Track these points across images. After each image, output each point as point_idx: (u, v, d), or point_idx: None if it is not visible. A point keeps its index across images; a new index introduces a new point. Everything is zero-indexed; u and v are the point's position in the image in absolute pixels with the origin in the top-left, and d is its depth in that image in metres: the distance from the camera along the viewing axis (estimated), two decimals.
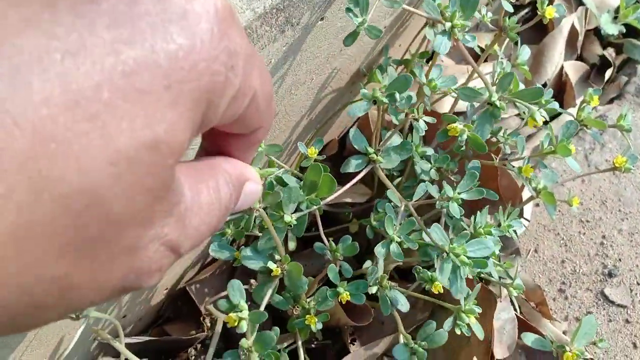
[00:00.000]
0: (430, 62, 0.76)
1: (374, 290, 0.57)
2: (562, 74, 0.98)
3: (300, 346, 0.60)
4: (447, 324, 0.56)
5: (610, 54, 1.02)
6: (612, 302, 0.80)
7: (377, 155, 0.57)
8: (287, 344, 0.64)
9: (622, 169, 0.61)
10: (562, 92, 0.98)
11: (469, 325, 0.56)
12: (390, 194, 0.59)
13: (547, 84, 0.97)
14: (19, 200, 0.14)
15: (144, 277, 0.19)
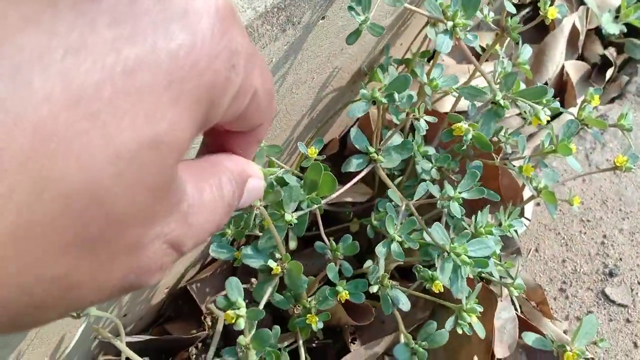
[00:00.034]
0: (431, 61, 0.76)
1: (375, 289, 0.57)
2: (563, 74, 0.98)
3: (301, 345, 0.60)
4: (448, 324, 0.56)
5: (611, 53, 1.02)
6: (613, 302, 0.80)
7: (377, 154, 0.57)
8: (287, 343, 0.64)
9: (623, 168, 0.61)
10: (563, 92, 0.98)
11: (470, 324, 0.56)
12: (391, 193, 0.59)
13: (548, 83, 0.97)
14: (19, 200, 0.14)
15: (146, 275, 0.19)
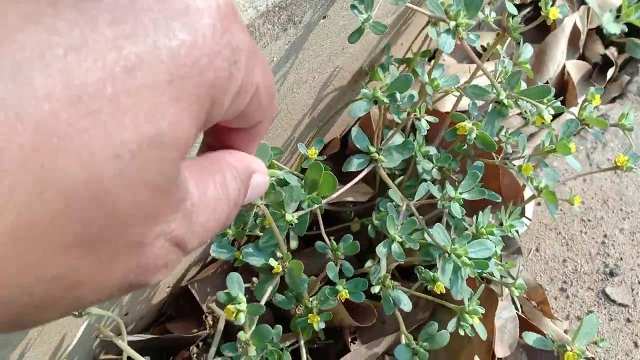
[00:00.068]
0: (432, 60, 0.76)
1: (376, 289, 0.57)
2: (564, 73, 0.98)
3: (302, 345, 0.60)
4: (450, 325, 0.56)
5: (612, 53, 1.02)
6: (614, 301, 0.80)
7: (378, 154, 0.57)
8: (289, 343, 0.64)
9: (624, 168, 0.61)
10: (564, 91, 0.98)
11: (472, 326, 0.56)
12: (392, 193, 0.59)
13: (549, 82, 0.97)
14: (19, 200, 0.14)
15: (148, 274, 0.18)
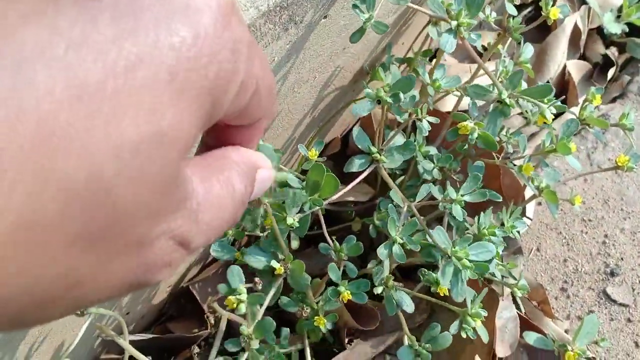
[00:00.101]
0: (432, 60, 0.76)
1: (379, 290, 0.57)
2: (565, 73, 0.98)
3: (307, 346, 0.60)
4: (453, 328, 0.57)
5: (613, 53, 1.02)
6: (614, 301, 0.80)
7: (380, 155, 0.56)
8: (293, 346, 0.64)
9: (625, 167, 0.61)
10: (564, 91, 0.98)
11: (474, 329, 0.56)
12: (393, 194, 0.59)
13: (549, 82, 0.97)
14: (19, 200, 0.14)
15: (150, 272, 0.18)
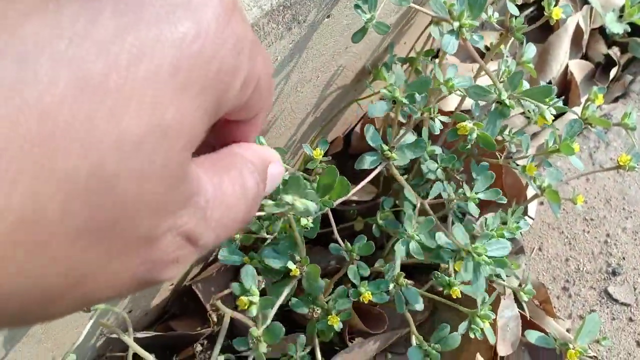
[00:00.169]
0: (434, 59, 0.76)
1: (390, 288, 0.57)
2: (567, 73, 0.98)
3: (316, 345, 0.61)
4: (462, 328, 0.57)
5: (615, 52, 1.02)
6: (616, 301, 0.80)
7: (391, 152, 0.56)
8: (302, 349, 0.64)
9: (627, 167, 0.61)
10: (567, 91, 0.98)
11: (482, 329, 0.56)
12: (407, 193, 0.59)
13: (552, 82, 0.97)
14: (23, 191, 0.14)
15: (159, 269, 0.18)
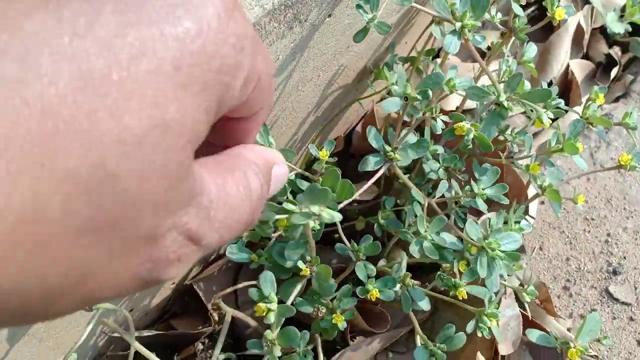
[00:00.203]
0: (435, 59, 0.76)
1: (397, 287, 0.58)
2: (568, 72, 0.98)
3: (319, 344, 0.61)
4: (469, 327, 0.57)
5: (616, 52, 1.02)
6: (617, 300, 0.80)
7: (394, 153, 0.56)
8: (304, 347, 0.65)
9: (628, 167, 0.61)
10: (568, 90, 0.98)
11: (490, 328, 0.57)
12: (414, 193, 0.59)
13: (552, 82, 0.97)
14: (26, 185, 0.14)
15: (161, 268, 0.18)
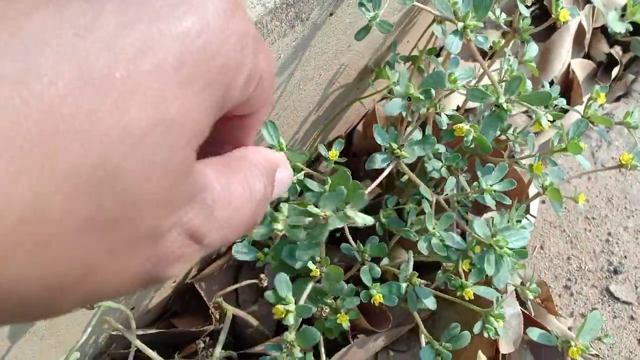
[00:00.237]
0: (437, 58, 0.76)
1: (404, 287, 0.58)
2: (569, 72, 0.98)
3: (321, 343, 0.61)
4: (476, 327, 0.57)
5: (617, 52, 1.02)
6: (617, 299, 0.80)
7: (401, 150, 0.56)
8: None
9: (629, 166, 0.61)
10: (569, 90, 0.98)
11: (496, 329, 0.57)
12: (422, 190, 0.59)
13: (554, 81, 0.97)
14: (27, 184, 0.14)
15: (163, 266, 0.18)
